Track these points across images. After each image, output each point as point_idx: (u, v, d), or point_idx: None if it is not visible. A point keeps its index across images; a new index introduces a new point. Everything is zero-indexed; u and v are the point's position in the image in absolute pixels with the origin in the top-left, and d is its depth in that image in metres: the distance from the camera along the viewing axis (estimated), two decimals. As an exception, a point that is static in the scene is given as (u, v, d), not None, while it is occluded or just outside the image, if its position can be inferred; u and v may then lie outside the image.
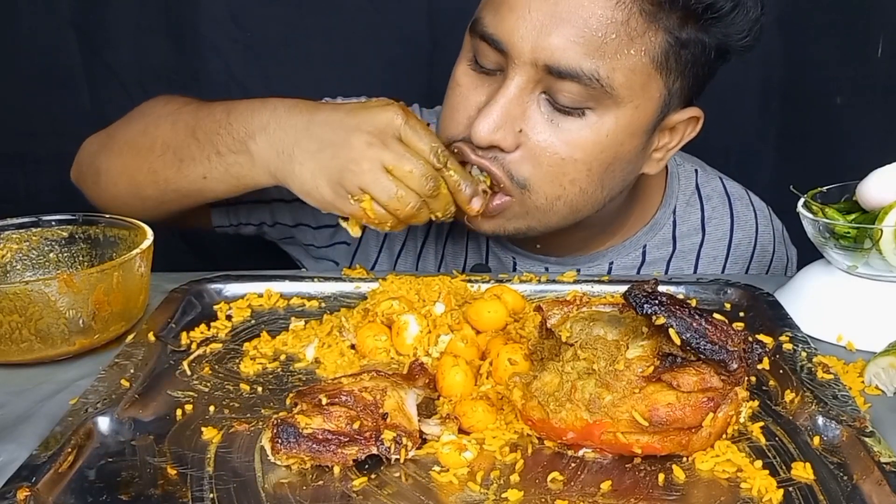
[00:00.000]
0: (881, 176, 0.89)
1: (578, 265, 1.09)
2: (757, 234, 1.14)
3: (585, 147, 0.90)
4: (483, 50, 0.91)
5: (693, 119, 0.98)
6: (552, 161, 0.91)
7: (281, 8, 1.51)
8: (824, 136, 1.53)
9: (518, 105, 0.89)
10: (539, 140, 0.90)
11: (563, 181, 0.92)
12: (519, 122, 0.90)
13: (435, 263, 1.15)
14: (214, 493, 0.63)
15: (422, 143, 0.88)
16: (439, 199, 0.90)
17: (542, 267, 1.10)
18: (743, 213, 1.14)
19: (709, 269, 1.12)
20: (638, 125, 0.91)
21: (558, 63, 0.86)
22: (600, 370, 0.67)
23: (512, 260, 1.11)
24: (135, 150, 1.04)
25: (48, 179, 1.58)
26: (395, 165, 0.87)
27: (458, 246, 1.14)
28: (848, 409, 0.70)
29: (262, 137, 0.93)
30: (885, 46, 1.47)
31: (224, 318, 0.91)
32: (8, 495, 0.60)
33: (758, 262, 1.14)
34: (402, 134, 0.88)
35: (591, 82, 0.86)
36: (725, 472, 0.65)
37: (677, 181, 1.12)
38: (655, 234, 1.10)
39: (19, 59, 1.53)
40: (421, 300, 0.88)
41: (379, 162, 0.87)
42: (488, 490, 0.63)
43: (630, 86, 0.88)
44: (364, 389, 0.69)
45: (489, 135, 0.89)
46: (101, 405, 0.72)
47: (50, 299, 0.80)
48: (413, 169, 0.87)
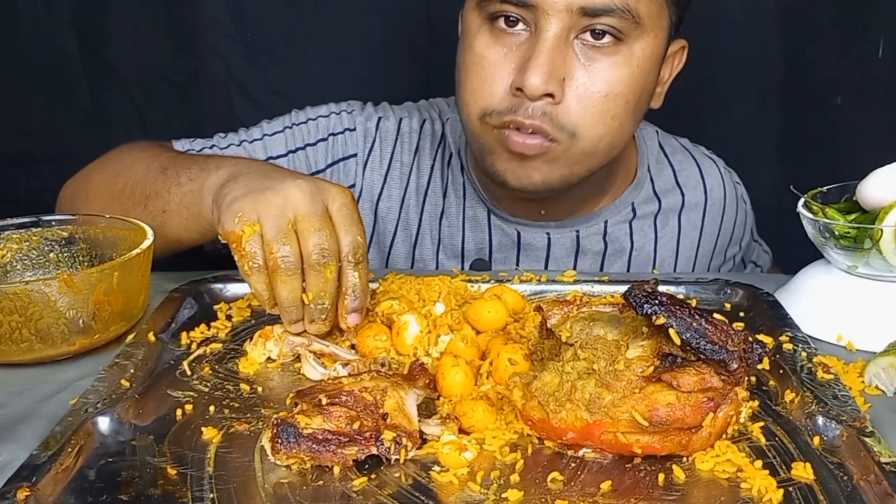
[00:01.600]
0: (881, 176, 0.89)
1: (577, 226, 1.14)
2: (722, 178, 1.22)
3: (623, 80, 0.95)
4: (505, 10, 0.94)
5: (681, 49, 1.06)
6: (597, 101, 0.95)
7: (281, 8, 1.51)
8: (824, 136, 1.53)
9: (559, 54, 0.93)
10: (583, 84, 0.94)
11: (607, 119, 0.96)
12: (562, 71, 0.93)
13: (433, 246, 1.16)
14: (214, 493, 0.63)
15: (350, 226, 0.80)
16: (319, 278, 0.79)
17: (543, 233, 1.14)
18: (703, 160, 1.22)
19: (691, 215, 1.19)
20: (657, 53, 0.98)
21: (593, 2, 0.91)
22: (600, 370, 0.67)
23: (515, 230, 1.14)
24: (108, 192, 1.04)
25: (48, 179, 1.57)
26: (303, 216, 0.78)
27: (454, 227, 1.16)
28: (848, 409, 0.70)
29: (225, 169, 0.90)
30: (886, 46, 1.47)
31: (224, 318, 0.92)
32: (8, 495, 0.60)
33: (730, 200, 1.22)
34: (337, 208, 0.80)
35: (624, 14, 0.92)
36: (725, 472, 0.65)
37: (644, 142, 1.20)
38: (640, 191, 1.17)
39: (19, 60, 1.53)
40: (421, 300, 0.88)
41: (293, 206, 0.79)
42: (488, 490, 0.63)
43: (650, 14, 0.94)
44: (364, 389, 0.69)
45: (543, 84, 0.92)
46: (101, 405, 0.72)
47: (50, 299, 0.80)
48: (317, 231, 0.78)
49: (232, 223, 0.79)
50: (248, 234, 0.78)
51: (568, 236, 1.14)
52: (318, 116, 1.17)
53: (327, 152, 1.15)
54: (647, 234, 1.16)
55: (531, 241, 1.14)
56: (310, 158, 1.15)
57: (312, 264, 0.78)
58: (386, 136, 1.17)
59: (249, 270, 0.79)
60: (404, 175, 1.17)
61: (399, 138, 1.17)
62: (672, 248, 1.18)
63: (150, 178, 0.99)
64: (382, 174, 1.16)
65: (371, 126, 1.17)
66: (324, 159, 1.15)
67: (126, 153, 1.09)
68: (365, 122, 1.17)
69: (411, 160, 1.17)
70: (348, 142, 1.16)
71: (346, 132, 1.16)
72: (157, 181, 0.98)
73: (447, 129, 1.17)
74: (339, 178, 1.15)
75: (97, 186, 1.07)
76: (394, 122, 1.18)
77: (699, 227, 1.19)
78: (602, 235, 1.14)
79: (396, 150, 1.16)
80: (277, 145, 1.14)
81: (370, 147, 1.16)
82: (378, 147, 1.16)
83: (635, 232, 1.15)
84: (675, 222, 1.18)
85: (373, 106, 1.20)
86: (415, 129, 1.18)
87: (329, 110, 1.17)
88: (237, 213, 0.79)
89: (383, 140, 1.17)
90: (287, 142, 1.14)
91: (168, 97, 1.58)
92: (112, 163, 1.08)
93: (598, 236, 1.14)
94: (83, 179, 1.10)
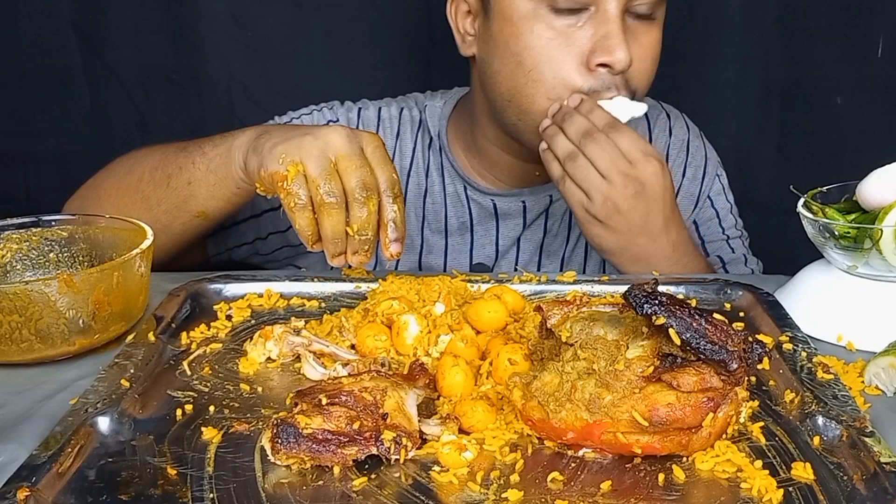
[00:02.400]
0: (881, 176, 0.89)
1: (549, 191, 1.21)
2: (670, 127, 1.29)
3: (657, 44, 1.09)
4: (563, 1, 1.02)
5: None
6: (648, 65, 1.07)
7: (281, 8, 1.51)
8: (824, 136, 1.53)
9: (623, 28, 1.03)
10: (641, 51, 1.06)
11: (652, 76, 1.09)
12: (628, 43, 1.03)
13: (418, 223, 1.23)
14: (214, 493, 0.63)
15: (384, 166, 0.88)
16: (363, 210, 0.86)
17: (519, 202, 1.21)
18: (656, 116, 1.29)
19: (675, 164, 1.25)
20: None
21: None
22: (600, 370, 0.67)
23: (491, 202, 1.21)
24: (122, 189, 1.06)
25: (48, 179, 1.58)
26: (344, 156, 0.86)
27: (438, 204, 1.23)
28: (848, 409, 0.70)
29: (251, 130, 0.96)
30: (886, 46, 1.47)
31: (224, 318, 0.91)
32: (8, 495, 0.60)
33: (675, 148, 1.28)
34: (371, 150, 0.89)
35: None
36: (725, 472, 0.65)
37: None
38: None
39: (19, 60, 1.53)
40: (421, 300, 0.88)
41: (332, 147, 0.86)
42: (488, 490, 0.63)
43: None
44: (364, 389, 0.69)
45: (627, 57, 1.02)
46: (101, 405, 0.72)
47: (50, 299, 0.80)
48: (357, 169, 0.86)
49: (276, 164, 0.86)
50: (292, 173, 0.85)
51: (542, 202, 1.21)
52: (300, 115, 1.24)
53: None
54: None
55: (507, 210, 1.21)
56: None
57: (356, 198, 0.85)
58: (368, 123, 1.24)
59: (295, 207, 0.86)
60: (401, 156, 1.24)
61: (381, 124, 1.24)
62: None
63: (171, 159, 1.02)
64: None
65: (353, 116, 1.24)
66: None
67: (133, 155, 1.11)
68: (346, 112, 1.24)
69: (394, 144, 1.24)
70: None
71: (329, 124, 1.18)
72: (178, 158, 1.02)
73: (426, 115, 1.24)
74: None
75: (109, 187, 1.08)
76: (374, 111, 1.25)
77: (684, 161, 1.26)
78: None
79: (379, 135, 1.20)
80: None
81: None
82: None
83: None
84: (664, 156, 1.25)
85: (351, 102, 1.27)
86: (394, 116, 1.25)
87: (311, 109, 1.25)
88: (280, 154, 0.86)
89: (366, 127, 1.23)
90: None
91: (168, 97, 1.59)
92: (120, 166, 1.10)
93: None
94: (91, 188, 1.12)
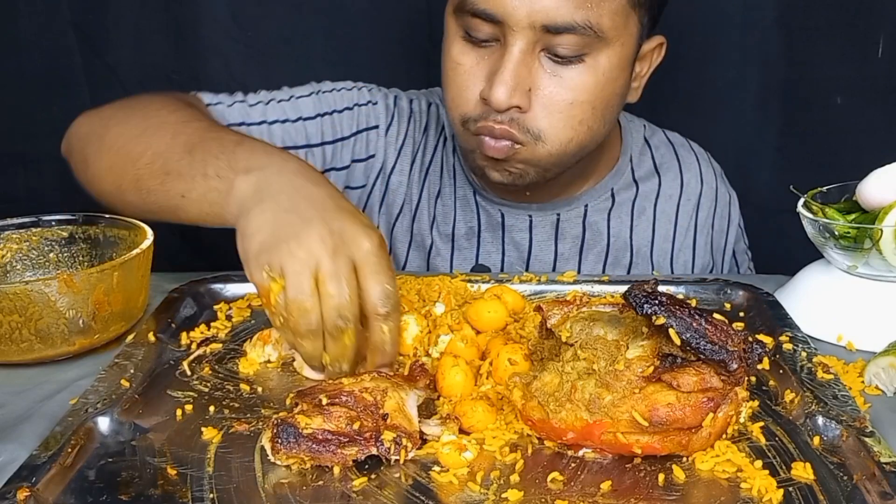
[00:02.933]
0: (881, 176, 0.89)
1: (558, 209, 1.19)
2: (701, 174, 1.25)
3: (588, 88, 0.99)
4: (475, 25, 0.97)
5: (659, 45, 1.09)
6: (562, 108, 0.99)
7: (281, 8, 1.51)
8: (824, 136, 1.53)
9: (524, 67, 0.96)
10: (548, 93, 0.98)
11: (574, 123, 1.01)
12: (527, 82, 0.97)
13: (428, 222, 1.21)
14: (214, 493, 0.63)
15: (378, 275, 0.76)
16: (336, 344, 0.76)
17: (525, 215, 1.18)
18: (686, 156, 1.26)
19: (665, 207, 1.21)
20: (625, 59, 1.02)
21: (555, 21, 0.93)
22: (600, 370, 0.67)
23: (499, 212, 1.19)
24: (125, 151, 0.99)
25: (48, 179, 1.58)
26: (325, 276, 0.75)
27: (448, 207, 1.21)
28: (848, 409, 0.70)
29: (255, 175, 0.86)
30: (886, 46, 1.46)
31: (224, 318, 0.92)
32: (8, 495, 0.60)
33: (706, 198, 1.24)
34: (363, 256, 0.77)
35: (586, 31, 0.95)
36: (725, 472, 0.65)
37: (630, 134, 1.24)
38: (620, 177, 1.21)
39: (20, 60, 1.53)
40: (421, 300, 0.88)
41: (315, 262, 0.76)
42: (488, 490, 0.63)
43: (615, 26, 0.97)
44: (364, 390, 0.69)
45: (508, 99, 0.96)
46: (101, 405, 0.72)
47: (50, 299, 0.80)
48: (335, 295, 0.75)
49: (260, 275, 0.78)
50: (275, 290, 0.76)
51: (549, 219, 1.18)
52: (342, 88, 1.21)
53: (353, 121, 1.19)
54: (623, 221, 1.20)
55: (514, 224, 1.18)
56: (335, 125, 1.18)
57: (330, 330, 0.76)
58: (402, 113, 1.22)
59: (280, 325, 0.78)
60: (414, 152, 1.22)
61: (412, 116, 1.22)
62: (647, 237, 1.21)
63: (175, 155, 0.94)
64: (397, 149, 1.21)
65: (390, 103, 1.22)
66: (349, 127, 1.18)
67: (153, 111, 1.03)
68: (384, 98, 1.22)
69: (420, 138, 1.22)
70: (371, 114, 1.20)
71: (369, 104, 1.20)
72: (181, 161, 0.93)
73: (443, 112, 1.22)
74: (362, 147, 1.19)
75: (115, 139, 1.02)
76: (407, 102, 1.23)
77: (673, 219, 1.22)
78: (582, 219, 1.19)
79: (410, 128, 1.22)
80: (307, 107, 1.16)
81: (389, 122, 1.21)
82: (396, 122, 1.21)
83: (613, 219, 1.20)
84: (651, 210, 1.21)
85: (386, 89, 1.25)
86: (424, 110, 1.23)
87: (351, 84, 1.22)
88: (264, 265, 0.77)
89: (400, 116, 1.22)
90: (316, 105, 1.17)
91: (168, 97, 1.58)
92: (136, 117, 1.03)
93: (577, 220, 1.18)
94: (101, 125, 1.05)
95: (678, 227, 1.22)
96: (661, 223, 1.21)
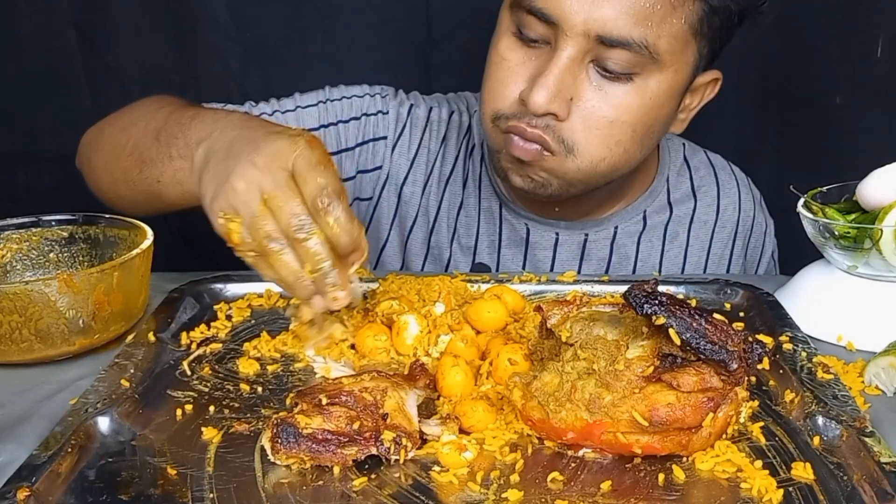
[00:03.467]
0: (881, 176, 0.89)
1: (586, 229, 1.15)
2: (740, 201, 1.21)
3: (632, 110, 0.96)
4: (529, 23, 0.94)
5: (714, 80, 1.04)
6: (601, 125, 0.96)
7: (281, 8, 1.51)
8: (824, 136, 1.53)
9: (570, 75, 0.93)
10: (589, 106, 0.95)
11: (610, 143, 0.97)
12: (570, 91, 0.94)
13: (448, 235, 1.17)
14: (214, 493, 0.63)
15: (308, 173, 0.77)
16: (304, 248, 0.76)
17: (552, 232, 1.14)
18: (726, 181, 1.22)
19: (700, 233, 1.18)
20: (676, 88, 0.98)
21: (610, 33, 0.90)
22: (600, 370, 0.67)
23: (525, 226, 1.15)
24: (114, 148, 1.03)
25: (48, 179, 1.58)
26: (270, 195, 0.76)
27: (471, 218, 1.17)
28: (848, 409, 0.70)
29: (204, 145, 0.87)
30: (885, 46, 1.46)
31: (224, 318, 0.92)
32: (8, 495, 0.60)
33: (742, 226, 1.21)
34: (294, 161, 0.77)
35: (640, 49, 0.91)
36: (725, 472, 0.65)
37: (668, 153, 1.19)
38: (654, 200, 1.17)
39: (20, 59, 1.53)
40: (421, 300, 0.88)
41: (256, 186, 0.77)
42: (488, 490, 0.63)
43: (672, 51, 0.93)
44: (364, 390, 0.69)
45: (546, 104, 0.93)
46: (101, 405, 0.72)
47: (50, 299, 0.80)
48: (284, 205, 0.76)
49: (218, 224, 0.79)
50: (234, 229, 0.78)
51: (576, 239, 1.14)
52: (352, 95, 1.18)
53: (359, 131, 1.17)
54: (654, 245, 1.16)
55: (539, 240, 1.15)
56: (340, 135, 1.16)
57: (293, 237, 0.76)
58: (416, 122, 1.19)
59: (252, 261, 0.79)
60: (430, 162, 1.19)
61: (428, 126, 1.19)
62: (679, 262, 1.17)
63: (147, 142, 0.97)
64: (409, 159, 1.18)
65: (403, 112, 1.19)
66: (354, 138, 1.16)
67: (139, 106, 1.06)
68: (398, 107, 1.19)
69: (438, 148, 1.19)
70: (380, 124, 1.18)
71: (378, 114, 1.18)
72: (151, 147, 0.96)
73: (473, 121, 1.20)
74: (366, 158, 1.17)
75: (107, 138, 1.05)
76: (424, 111, 1.20)
77: (707, 247, 1.18)
78: (610, 241, 1.15)
79: (425, 138, 1.19)
80: (310, 118, 1.15)
81: (400, 132, 1.18)
82: (408, 132, 1.18)
83: (643, 244, 1.15)
84: (685, 236, 1.17)
85: (405, 94, 1.22)
86: (443, 119, 1.20)
87: (363, 91, 1.19)
88: (217, 212, 0.79)
89: (413, 126, 1.19)
90: (320, 116, 1.15)
91: (168, 97, 1.58)
92: (125, 116, 1.06)
93: (606, 241, 1.15)
94: (98, 130, 1.09)
95: (711, 256, 1.19)
96: (693, 250, 1.17)
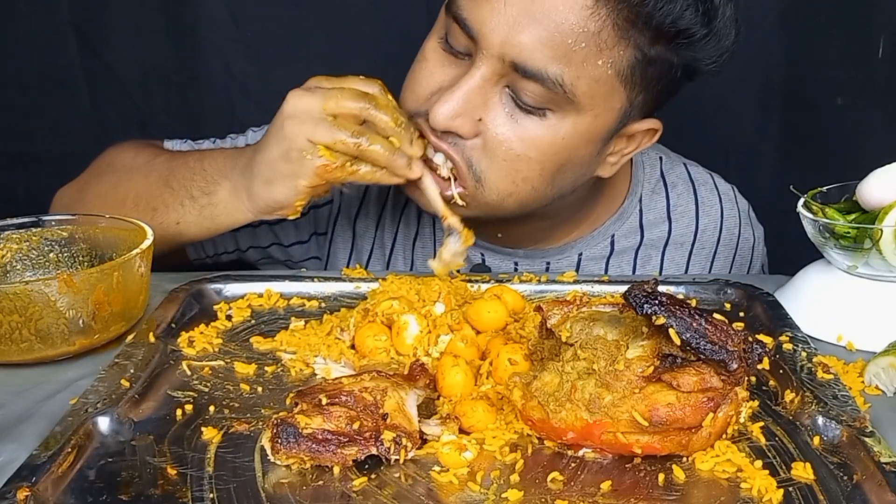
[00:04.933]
0: (881, 176, 0.89)
1: (547, 257, 1.10)
2: (722, 219, 1.15)
3: (541, 147, 0.90)
4: (454, 31, 0.90)
5: (651, 130, 0.98)
6: (507, 156, 0.90)
7: (281, 8, 1.51)
8: (824, 136, 1.53)
9: (480, 94, 0.89)
10: (497, 132, 0.90)
11: (516, 178, 0.92)
12: (479, 111, 0.89)
13: (406, 268, 1.14)
14: (214, 493, 0.63)
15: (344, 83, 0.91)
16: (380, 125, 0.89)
17: (511, 261, 1.10)
18: (708, 198, 1.15)
19: (675, 255, 1.13)
20: (595, 133, 0.92)
21: (525, 62, 0.85)
22: (600, 370, 0.67)
23: (481, 256, 1.11)
24: (106, 204, 1.04)
25: (48, 179, 1.57)
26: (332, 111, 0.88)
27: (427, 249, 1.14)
28: (848, 409, 0.70)
29: (235, 172, 0.96)
30: (886, 47, 1.47)
31: (224, 318, 0.91)
32: (8, 495, 0.60)
33: (725, 245, 1.15)
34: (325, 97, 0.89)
35: (555, 87, 0.86)
36: (725, 472, 0.65)
37: (642, 170, 1.13)
38: (623, 223, 1.11)
39: (19, 60, 1.53)
40: (421, 300, 0.88)
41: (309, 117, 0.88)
42: (488, 490, 0.63)
43: (592, 95, 0.88)
44: (364, 390, 0.69)
45: (447, 120, 0.89)
46: (101, 405, 0.72)
47: (50, 299, 0.79)
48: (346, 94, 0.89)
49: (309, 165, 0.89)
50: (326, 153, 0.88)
51: (537, 268, 1.09)
52: None
53: None
54: (623, 270, 1.11)
55: (498, 268, 1.10)
56: None
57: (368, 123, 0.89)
58: None
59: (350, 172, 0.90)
60: (381, 195, 1.16)
61: None
62: None
63: (155, 191, 1.01)
64: (360, 192, 1.16)
65: None
66: None
67: (118, 161, 1.09)
68: None
69: None
70: None
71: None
72: (164, 194, 1.00)
73: None
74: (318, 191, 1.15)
75: (94, 198, 1.07)
76: None
77: (683, 269, 1.13)
78: (575, 269, 1.09)
79: None
80: None
81: None
82: None
83: (611, 268, 1.10)
84: (658, 259, 1.12)
85: None
86: None
87: None
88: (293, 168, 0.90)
89: None
90: None
91: (168, 97, 1.59)
92: (106, 173, 1.09)
93: (569, 270, 1.07)
94: (78, 191, 1.11)
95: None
96: (668, 271, 1.12)
